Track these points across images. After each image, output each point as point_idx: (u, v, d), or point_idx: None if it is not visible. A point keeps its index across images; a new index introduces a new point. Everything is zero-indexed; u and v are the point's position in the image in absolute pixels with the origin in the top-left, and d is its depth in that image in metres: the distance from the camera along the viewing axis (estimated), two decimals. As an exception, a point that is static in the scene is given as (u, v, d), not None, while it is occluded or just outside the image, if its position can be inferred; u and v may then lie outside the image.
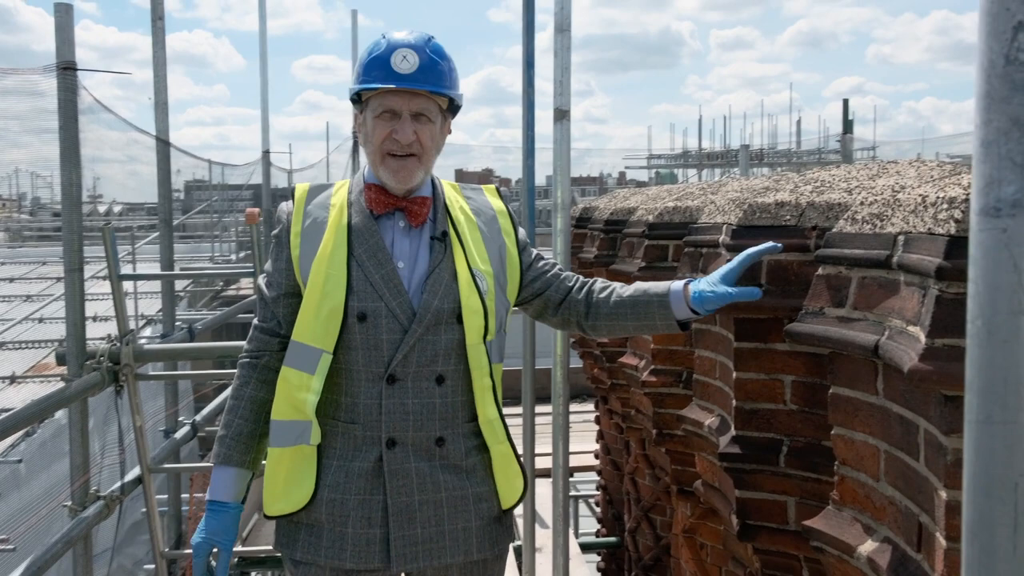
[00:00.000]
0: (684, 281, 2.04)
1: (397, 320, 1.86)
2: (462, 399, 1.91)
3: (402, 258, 1.92)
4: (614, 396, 4.72)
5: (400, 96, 1.87)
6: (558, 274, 2.17)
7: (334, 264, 1.87)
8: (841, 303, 1.55)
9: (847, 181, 2.18)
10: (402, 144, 1.88)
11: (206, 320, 6.11)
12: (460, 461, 1.91)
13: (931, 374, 1.18)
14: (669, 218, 3.25)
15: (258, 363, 1.99)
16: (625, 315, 2.09)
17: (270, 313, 1.99)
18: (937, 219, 1.29)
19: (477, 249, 1.97)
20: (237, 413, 1.98)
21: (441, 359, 1.88)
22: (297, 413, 1.88)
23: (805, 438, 2.17)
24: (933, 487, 1.30)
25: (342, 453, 1.89)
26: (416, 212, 1.94)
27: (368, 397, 1.87)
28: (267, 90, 10.31)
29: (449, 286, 1.89)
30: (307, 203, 1.98)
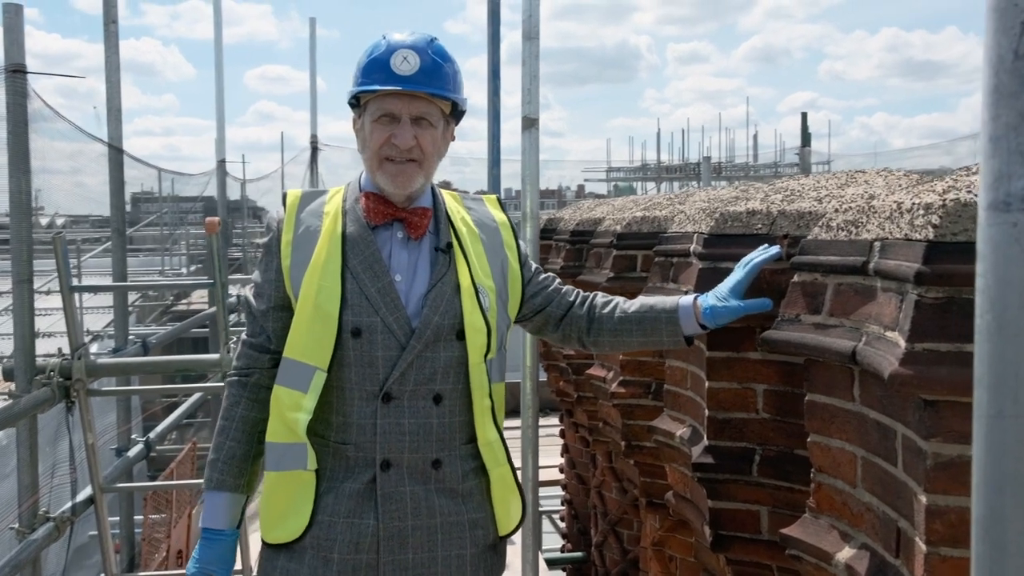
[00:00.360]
0: (692, 296, 2.02)
1: (393, 336, 1.78)
2: (460, 419, 1.84)
3: (400, 271, 1.84)
4: (580, 409, 4.71)
5: (400, 99, 1.80)
6: (559, 288, 2.13)
7: (327, 275, 1.79)
8: (817, 310, 1.56)
9: (816, 190, 2.21)
10: (401, 149, 1.80)
11: (160, 334, 5.97)
12: (456, 485, 1.83)
13: (911, 378, 1.18)
14: (637, 228, 3.25)
15: (248, 381, 1.90)
16: (630, 331, 2.06)
17: (259, 327, 1.90)
18: (914, 225, 1.30)
19: (480, 263, 1.90)
20: (228, 435, 1.88)
21: (439, 377, 1.80)
22: (291, 434, 1.79)
23: (777, 447, 2.17)
24: (912, 492, 1.30)
25: (332, 474, 1.80)
26: (416, 223, 1.86)
27: (361, 416, 1.79)
28: (223, 98, 10.17)
29: (451, 301, 1.82)
30: (299, 210, 1.89)
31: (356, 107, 1.89)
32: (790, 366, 2.13)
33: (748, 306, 1.96)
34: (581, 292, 2.15)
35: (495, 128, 3.70)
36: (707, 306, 1.99)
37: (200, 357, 4.21)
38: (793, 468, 2.15)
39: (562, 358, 4.53)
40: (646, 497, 3.40)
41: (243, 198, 16.80)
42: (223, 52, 10.17)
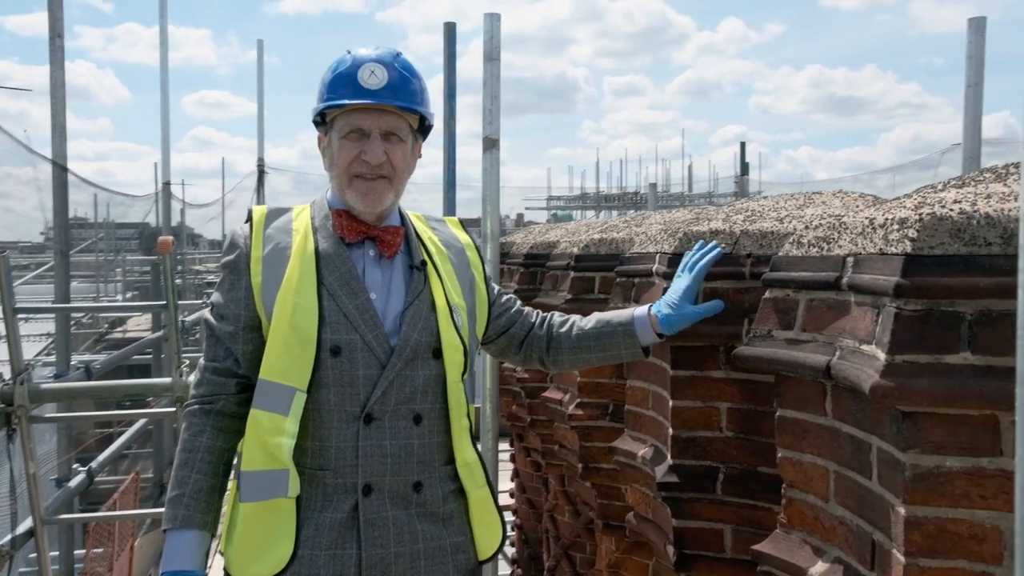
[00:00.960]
0: (646, 307, 2.04)
1: (374, 354, 1.73)
2: (439, 440, 1.80)
3: (374, 289, 1.79)
4: (532, 433, 4.68)
5: (368, 114, 1.76)
6: (520, 310, 2.12)
7: (303, 293, 1.72)
8: (789, 325, 1.57)
9: (777, 211, 2.24)
10: (372, 165, 1.76)
11: (104, 360, 5.76)
12: (438, 508, 1.79)
13: (892, 390, 1.20)
14: (595, 250, 3.27)
15: (212, 408, 1.80)
16: (589, 348, 2.07)
17: (224, 350, 1.80)
18: (888, 240, 1.32)
19: (451, 282, 1.88)
20: (193, 467, 1.77)
21: (419, 397, 1.76)
22: (272, 461, 1.70)
23: (741, 465, 2.18)
24: (889, 504, 1.31)
25: (309, 503, 1.72)
26: (389, 241, 1.83)
27: (341, 439, 1.72)
28: (168, 118, 9.96)
29: (428, 319, 1.79)
30: (267, 227, 1.82)
31: (321, 125, 1.85)
32: (753, 384, 2.16)
33: (703, 310, 2.00)
34: (540, 312, 2.15)
35: (451, 150, 3.69)
36: (662, 315, 2.01)
37: (151, 381, 4.07)
38: (757, 486, 2.16)
39: (515, 382, 4.50)
40: (603, 519, 3.39)
41: (183, 225, 16.48)
42: (168, 71, 9.97)
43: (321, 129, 1.86)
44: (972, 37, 4.30)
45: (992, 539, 1.21)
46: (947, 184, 1.46)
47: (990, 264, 1.19)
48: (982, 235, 1.20)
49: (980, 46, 4.27)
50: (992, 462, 1.20)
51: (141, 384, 3.79)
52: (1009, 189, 1.28)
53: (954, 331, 1.19)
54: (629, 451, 2.57)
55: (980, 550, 1.21)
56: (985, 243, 1.20)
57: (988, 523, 1.21)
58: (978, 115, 4.42)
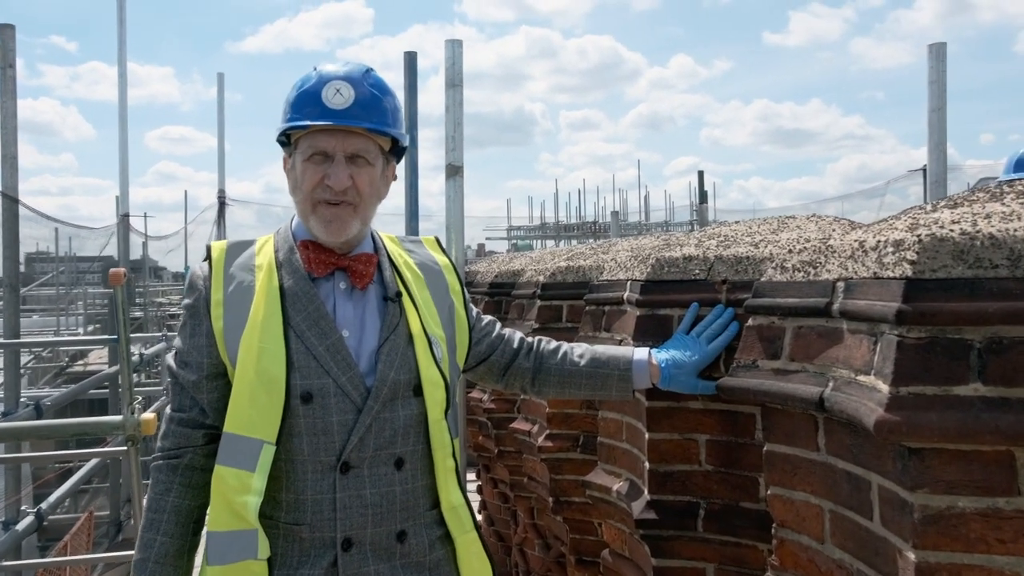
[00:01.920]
0: (645, 352, 1.93)
1: (349, 398, 1.59)
2: (423, 484, 1.66)
3: (346, 326, 1.65)
4: (500, 464, 4.55)
5: (333, 136, 1.63)
6: (502, 335, 1.99)
7: (268, 336, 1.58)
8: (776, 354, 1.48)
9: (751, 235, 2.16)
10: (335, 191, 1.62)
11: (55, 396, 5.49)
12: (424, 557, 1.65)
13: (899, 425, 1.10)
14: (562, 278, 3.17)
15: (179, 463, 1.66)
16: (579, 384, 1.96)
17: (189, 400, 1.66)
18: (883, 263, 1.24)
19: (428, 311, 1.74)
20: (159, 529, 1.63)
21: (400, 440, 1.62)
22: (239, 521, 1.55)
23: (722, 500, 2.08)
24: (895, 548, 1.21)
25: (285, 560, 1.58)
26: (361, 272, 1.69)
27: (317, 491, 1.58)
28: (127, 149, 9.69)
29: (405, 354, 1.65)
30: (227, 265, 1.68)
31: (286, 145, 1.72)
32: (732, 415, 2.06)
33: (703, 388, 1.92)
34: (525, 339, 2.01)
35: (413, 180, 3.57)
36: (668, 373, 1.92)
37: (100, 420, 3.85)
38: (740, 522, 2.06)
39: (482, 412, 4.37)
40: (575, 555, 3.26)
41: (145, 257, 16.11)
42: (127, 101, 9.71)
43: (286, 150, 1.73)
44: (933, 63, 4.33)
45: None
46: (937, 205, 1.38)
47: (998, 288, 1.10)
48: (987, 257, 1.12)
49: (941, 71, 4.30)
50: (1010, 503, 1.11)
51: (89, 423, 3.57)
52: (1009, 209, 1.20)
53: (962, 360, 1.10)
54: (603, 485, 2.46)
55: (998, 599, 1.11)
56: (991, 265, 1.12)
57: (1008, 570, 1.11)
58: (942, 139, 4.45)
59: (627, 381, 1.94)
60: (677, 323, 2.08)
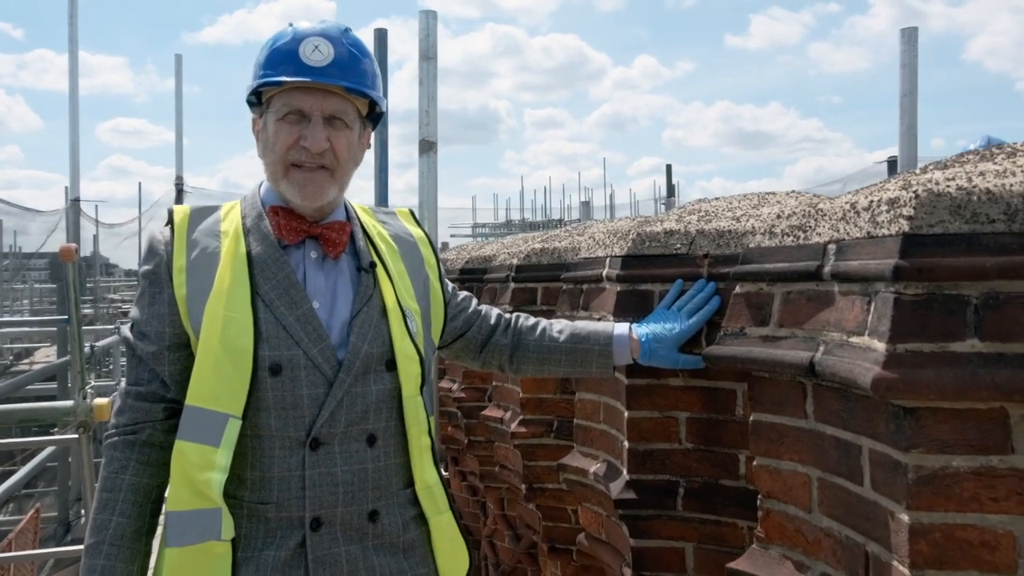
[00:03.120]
0: (626, 326, 1.89)
1: (320, 371, 1.53)
2: (396, 462, 1.60)
3: (317, 296, 1.58)
4: (470, 455, 4.50)
5: (311, 95, 1.55)
6: (479, 311, 1.94)
7: (234, 305, 1.51)
8: (764, 321, 1.46)
9: (732, 210, 2.15)
10: (312, 152, 1.55)
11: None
12: (397, 538, 1.59)
13: (897, 383, 1.08)
14: (537, 260, 3.13)
15: (137, 440, 1.57)
16: (559, 361, 1.92)
17: (148, 373, 1.57)
18: (877, 222, 1.22)
19: (403, 283, 1.68)
20: (115, 509, 1.53)
21: (372, 415, 1.56)
22: (201, 500, 1.48)
23: (702, 478, 2.06)
24: (887, 511, 1.20)
25: (249, 542, 1.51)
26: (334, 240, 1.62)
27: (284, 468, 1.51)
28: (77, 133, 9.40)
29: (379, 327, 1.59)
30: (190, 230, 1.59)
31: (256, 106, 1.64)
32: (713, 392, 2.04)
33: (684, 362, 1.89)
34: (503, 314, 1.97)
35: (383, 159, 3.51)
36: (648, 348, 1.88)
37: (51, 405, 3.70)
38: (720, 500, 2.04)
39: (452, 402, 4.32)
40: (548, 542, 3.23)
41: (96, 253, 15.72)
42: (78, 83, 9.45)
43: (256, 110, 1.65)
44: (905, 46, 4.37)
45: (1005, 546, 1.10)
46: (927, 168, 1.37)
47: (995, 243, 1.09)
48: (984, 211, 1.10)
49: (913, 55, 4.34)
50: (1003, 460, 1.10)
51: (39, 408, 3.44)
52: (1002, 167, 1.19)
53: (959, 316, 1.09)
54: (580, 468, 2.42)
55: (993, 559, 1.10)
56: (988, 220, 1.10)
57: (1000, 528, 1.10)
58: (913, 124, 4.49)
59: (607, 356, 1.91)
60: (658, 299, 2.05)
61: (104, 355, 12.43)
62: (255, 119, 1.66)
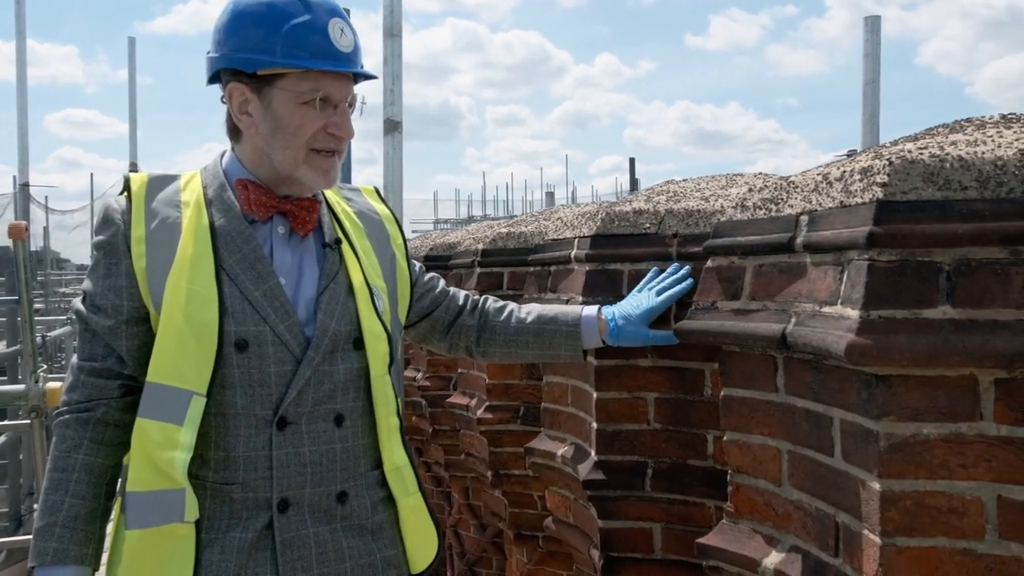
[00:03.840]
0: (595, 308, 1.86)
1: (287, 348, 1.49)
2: (364, 442, 1.57)
3: (283, 273, 1.54)
4: (435, 444, 4.47)
5: (338, 81, 1.51)
6: (446, 291, 1.90)
7: (198, 278, 1.45)
8: (736, 295, 1.45)
9: (700, 191, 2.15)
10: (342, 140, 1.52)
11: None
12: (365, 520, 1.56)
13: (871, 348, 1.08)
14: (503, 244, 3.11)
15: (91, 417, 1.51)
16: (526, 343, 1.87)
17: (103, 348, 1.51)
18: (850, 191, 1.22)
19: (369, 260, 1.64)
20: (67, 490, 1.47)
21: (340, 394, 1.53)
22: (164, 480, 1.43)
23: (670, 458, 2.06)
24: (857, 481, 1.20)
25: (213, 524, 1.47)
26: (304, 218, 1.57)
27: (250, 448, 1.47)
28: (26, 116, 9.13)
29: (346, 305, 1.55)
30: (149, 199, 1.53)
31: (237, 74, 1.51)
32: (681, 372, 2.04)
33: (655, 337, 1.85)
34: (471, 296, 1.94)
35: (346, 143, 3.45)
36: (615, 325, 1.85)
37: (1, 389, 3.58)
38: (688, 480, 2.04)
39: (416, 391, 4.29)
40: (515, 529, 3.22)
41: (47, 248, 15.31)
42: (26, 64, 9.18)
43: (244, 80, 1.51)
44: (868, 35, 4.42)
45: (974, 512, 1.10)
46: (898, 141, 1.37)
47: (967, 209, 1.09)
48: (956, 179, 1.11)
49: (876, 44, 4.39)
50: (972, 427, 1.10)
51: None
52: (973, 137, 1.19)
53: (931, 283, 1.09)
54: (547, 451, 2.41)
55: (961, 525, 1.11)
56: (961, 187, 1.10)
57: (969, 495, 1.11)
58: (876, 112, 4.55)
59: (575, 338, 1.87)
60: (627, 279, 2.05)
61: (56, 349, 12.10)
62: (240, 89, 1.52)
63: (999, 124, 1.26)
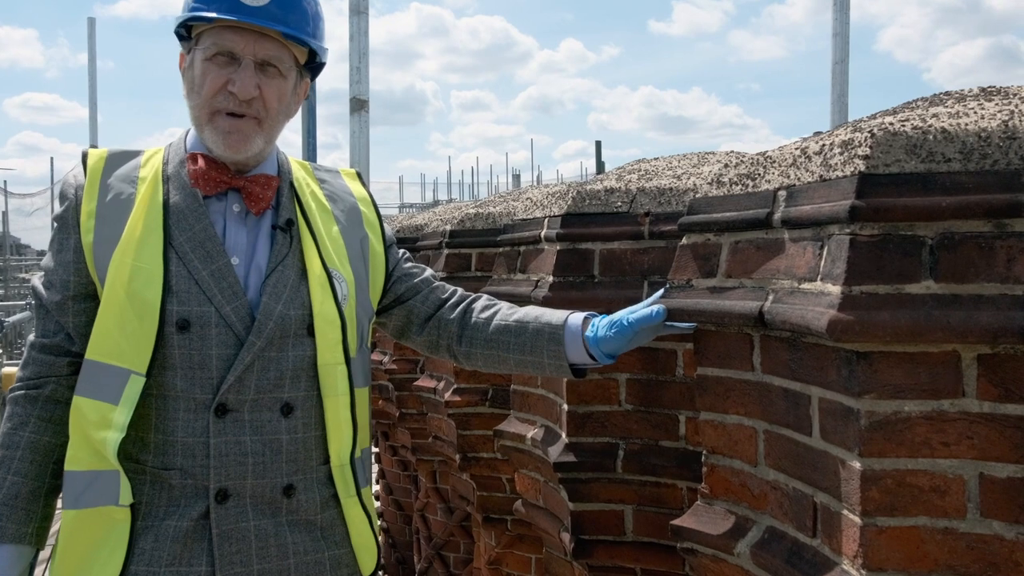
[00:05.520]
0: (584, 315, 1.62)
1: (232, 330, 1.43)
2: (316, 435, 1.50)
3: (236, 252, 1.48)
4: (401, 428, 4.43)
5: (243, 36, 1.43)
6: (430, 281, 1.75)
7: (144, 255, 1.41)
8: (711, 272, 1.42)
9: (672, 169, 2.12)
10: (239, 99, 1.44)
11: None
12: (314, 515, 1.49)
13: (853, 324, 1.05)
14: (471, 225, 3.06)
15: (40, 395, 1.47)
16: (507, 344, 1.64)
17: (54, 324, 1.48)
18: (829, 165, 1.19)
19: (334, 244, 1.56)
20: (10, 468, 1.44)
21: (288, 383, 1.46)
22: (99, 460, 1.39)
23: (642, 440, 2.03)
24: (837, 460, 1.18)
25: (150, 510, 1.42)
26: (257, 195, 1.50)
27: (188, 433, 1.41)
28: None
29: (296, 288, 1.48)
30: (105, 174, 1.48)
31: (185, 40, 1.51)
32: (653, 352, 2.01)
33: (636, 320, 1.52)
34: (460, 291, 1.77)
35: (310, 122, 3.37)
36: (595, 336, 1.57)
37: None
38: (659, 461, 2.02)
39: (383, 375, 4.23)
40: (483, 512, 3.18)
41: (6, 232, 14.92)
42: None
43: (185, 45, 1.52)
44: (837, 14, 4.41)
45: (955, 491, 1.09)
46: (876, 115, 1.35)
47: (951, 182, 1.07)
48: (940, 151, 1.08)
49: (845, 23, 4.39)
50: (954, 404, 1.08)
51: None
52: (954, 109, 1.17)
53: (915, 257, 1.07)
54: (517, 434, 2.38)
55: (943, 504, 1.09)
56: (944, 159, 1.08)
57: (951, 473, 1.09)
58: (844, 92, 4.56)
59: (558, 342, 1.61)
60: (599, 258, 2.01)
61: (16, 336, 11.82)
62: (183, 55, 1.53)
63: (979, 97, 1.24)
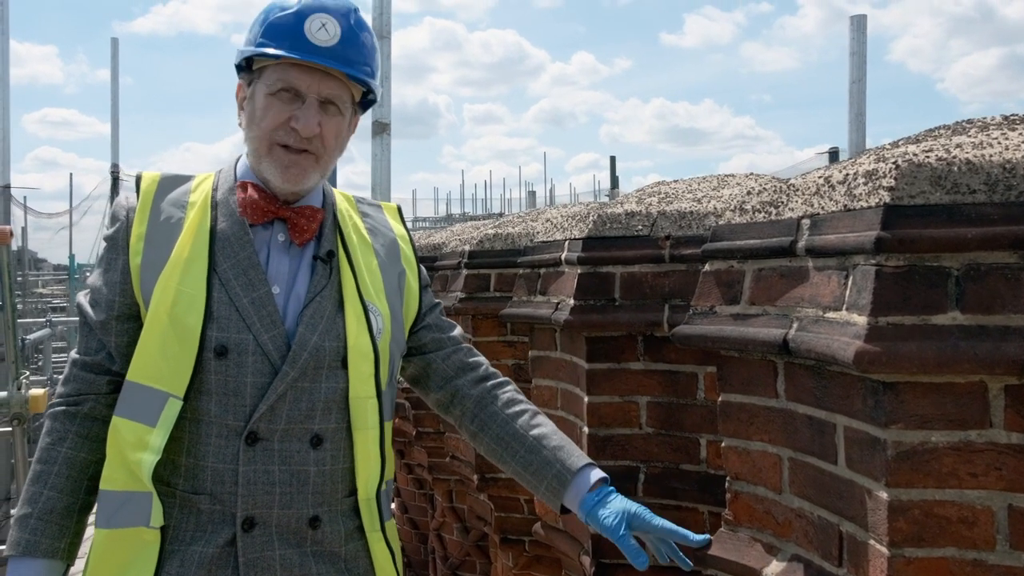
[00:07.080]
0: (599, 476, 1.55)
1: (268, 359, 1.44)
2: (343, 467, 1.50)
3: (277, 281, 1.49)
4: (418, 447, 4.43)
5: (309, 74, 1.46)
6: (457, 341, 1.70)
7: (189, 280, 1.42)
8: (735, 299, 1.42)
9: (692, 192, 2.13)
10: (301, 136, 1.46)
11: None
12: (339, 547, 1.49)
13: (880, 356, 1.06)
14: (490, 245, 3.07)
15: (79, 411, 1.49)
16: (515, 453, 1.59)
17: (96, 343, 1.50)
18: (854, 195, 1.20)
19: (372, 278, 1.56)
20: (47, 482, 1.45)
21: (319, 414, 1.46)
22: (134, 481, 1.40)
23: (663, 463, 2.03)
24: (863, 489, 1.17)
25: (178, 534, 1.42)
26: (303, 226, 1.52)
27: (219, 459, 1.42)
28: (8, 115, 8.95)
29: (332, 319, 1.49)
30: (157, 198, 1.51)
31: (244, 71, 1.53)
32: (674, 375, 2.02)
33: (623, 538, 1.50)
34: (486, 365, 1.71)
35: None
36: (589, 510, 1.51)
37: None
38: (680, 485, 2.02)
39: (400, 393, 4.24)
40: (500, 533, 3.18)
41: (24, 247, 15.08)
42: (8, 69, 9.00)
43: (243, 76, 1.54)
44: (854, 34, 4.41)
45: (984, 522, 1.08)
46: (897, 143, 1.35)
47: (976, 213, 1.07)
48: (965, 182, 1.09)
49: (862, 42, 4.38)
50: (981, 435, 1.08)
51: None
52: (977, 139, 1.17)
53: (941, 288, 1.07)
54: (537, 456, 2.38)
55: (971, 535, 1.09)
56: (969, 191, 1.08)
57: (979, 504, 1.09)
58: (862, 111, 4.54)
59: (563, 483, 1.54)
60: (619, 282, 2.02)
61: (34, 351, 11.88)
62: (241, 85, 1.55)
63: (1003, 126, 1.25)
